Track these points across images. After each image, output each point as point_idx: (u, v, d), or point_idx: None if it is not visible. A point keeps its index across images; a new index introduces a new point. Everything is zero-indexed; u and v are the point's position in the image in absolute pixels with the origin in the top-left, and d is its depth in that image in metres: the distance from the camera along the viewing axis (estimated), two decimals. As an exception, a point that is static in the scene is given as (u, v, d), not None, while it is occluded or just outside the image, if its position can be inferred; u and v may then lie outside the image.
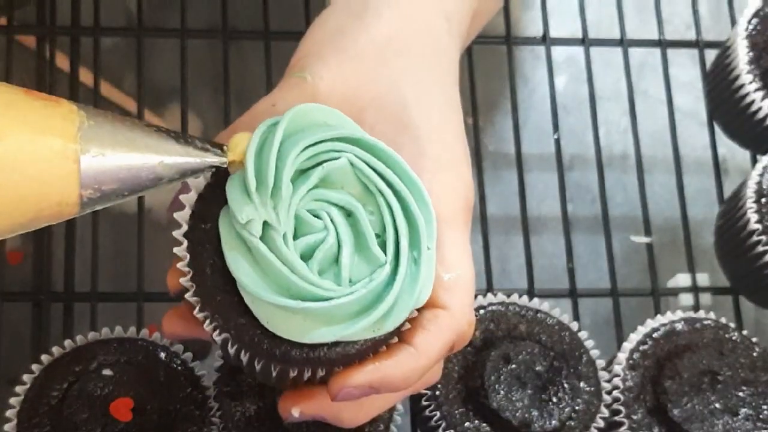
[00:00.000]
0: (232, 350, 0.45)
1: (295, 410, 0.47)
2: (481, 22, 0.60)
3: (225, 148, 0.43)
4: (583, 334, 0.64)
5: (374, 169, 0.45)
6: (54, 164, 0.39)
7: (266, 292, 0.43)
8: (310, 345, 0.44)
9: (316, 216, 0.44)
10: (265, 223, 0.43)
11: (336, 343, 0.44)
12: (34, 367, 0.59)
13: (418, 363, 0.45)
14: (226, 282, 0.44)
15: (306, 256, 0.44)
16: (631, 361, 0.65)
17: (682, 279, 0.77)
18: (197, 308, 0.45)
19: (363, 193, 0.45)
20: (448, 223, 0.48)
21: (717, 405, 0.63)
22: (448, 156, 0.49)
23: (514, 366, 0.61)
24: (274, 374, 0.46)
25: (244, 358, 0.45)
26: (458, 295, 0.47)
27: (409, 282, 0.44)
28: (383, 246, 0.44)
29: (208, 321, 0.45)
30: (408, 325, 0.46)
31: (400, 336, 0.46)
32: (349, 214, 0.45)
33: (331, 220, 0.44)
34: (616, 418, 0.63)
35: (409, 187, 0.45)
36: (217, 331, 0.45)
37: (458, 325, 0.46)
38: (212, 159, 0.43)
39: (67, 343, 0.60)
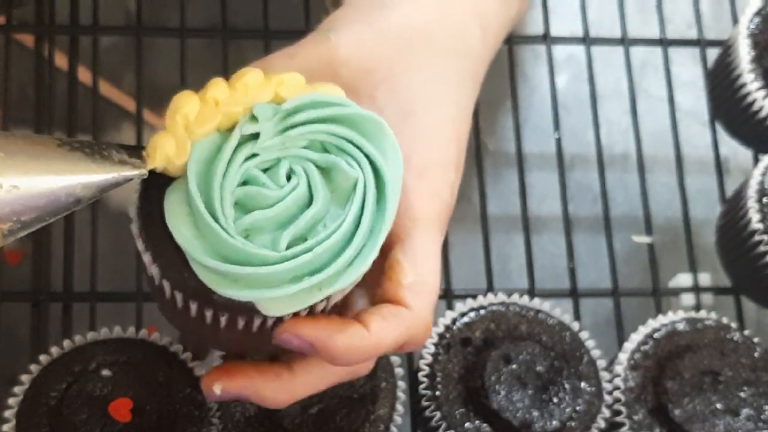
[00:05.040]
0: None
1: (217, 387, 0.47)
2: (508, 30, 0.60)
3: (144, 154, 0.43)
4: (584, 335, 0.64)
5: (363, 203, 0.45)
6: None
7: (193, 179, 0.43)
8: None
9: (288, 177, 0.44)
10: (254, 136, 0.44)
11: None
12: (33, 367, 0.59)
13: (365, 345, 0.45)
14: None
15: (246, 183, 0.44)
16: (632, 362, 0.64)
17: (684, 279, 0.77)
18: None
19: (339, 206, 0.45)
20: (425, 226, 0.48)
21: (718, 405, 0.62)
22: (438, 157, 0.50)
23: (514, 366, 0.61)
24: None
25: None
26: (421, 298, 0.47)
27: (274, 279, 0.43)
28: (294, 244, 0.44)
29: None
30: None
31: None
32: (309, 203, 0.45)
33: (292, 190, 0.44)
34: (617, 418, 0.63)
35: (368, 241, 0.45)
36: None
37: (416, 327, 0.47)
38: (130, 173, 0.43)
39: (66, 343, 0.60)
